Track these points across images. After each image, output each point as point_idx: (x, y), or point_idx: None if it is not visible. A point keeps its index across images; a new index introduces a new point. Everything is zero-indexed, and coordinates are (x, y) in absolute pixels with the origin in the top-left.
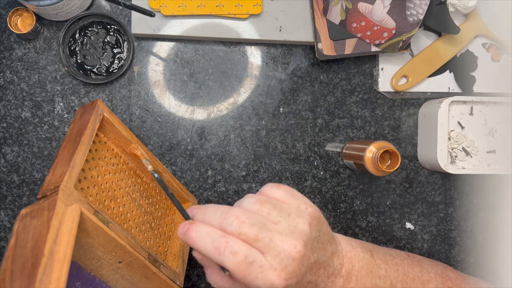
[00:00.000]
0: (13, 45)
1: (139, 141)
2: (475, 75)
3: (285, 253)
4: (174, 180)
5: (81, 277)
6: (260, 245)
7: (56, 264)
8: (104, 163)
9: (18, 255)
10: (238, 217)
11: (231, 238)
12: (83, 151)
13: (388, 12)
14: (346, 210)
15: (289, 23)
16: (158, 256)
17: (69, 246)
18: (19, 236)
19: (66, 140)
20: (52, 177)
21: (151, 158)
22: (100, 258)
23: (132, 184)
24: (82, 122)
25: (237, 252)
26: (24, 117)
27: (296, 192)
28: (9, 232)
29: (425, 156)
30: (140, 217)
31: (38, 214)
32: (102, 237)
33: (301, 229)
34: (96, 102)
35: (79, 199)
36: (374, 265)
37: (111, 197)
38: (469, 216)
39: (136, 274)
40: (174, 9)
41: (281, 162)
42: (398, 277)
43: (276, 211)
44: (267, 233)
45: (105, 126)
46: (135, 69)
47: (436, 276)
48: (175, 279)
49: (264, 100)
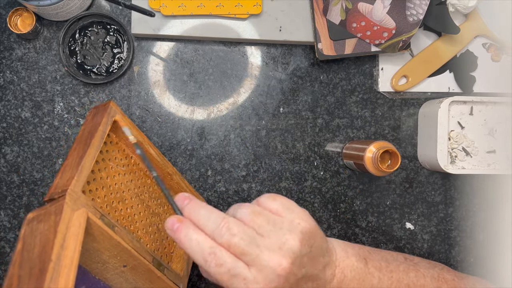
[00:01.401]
0: (13, 45)
1: (150, 142)
2: (475, 75)
3: (270, 269)
4: (183, 182)
5: (86, 281)
6: (247, 259)
7: (63, 269)
8: (114, 164)
9: (25, 259)
10: (229, 228)
11: (219, 249)
12: (92, 154)
13: (388, 12)
14: (346, 210)
15: (289, 23)
16: (164, 258)
17: (76, 251)
18: (26, 240)
19: (77, 142)
20: (60, 180)
21: (162, 160)
22: (105, 262)
23: (142, 185)
24: (94, 124)
25: (223, 264)
26: (24, 117)
27: (292, 205)
28: (9, 232)
29: (425, 156)
30: (148, 218)
31: (45, 219)
32: (108, 241)
33: (290, 246)
34: (108, 103)
35: (86, 203)
36: (367, 274)
37: (120, 199)
38: (469, 216)
39: (140, 278)
40: (174, 9)
41: (281, 162)
42: (392, 285)
43: (268, 225)
44: (255, 248)
45: (116, 127)
46: (135, 69)
47: (432, 280)
48: (178, 282)
49: (264, 100)
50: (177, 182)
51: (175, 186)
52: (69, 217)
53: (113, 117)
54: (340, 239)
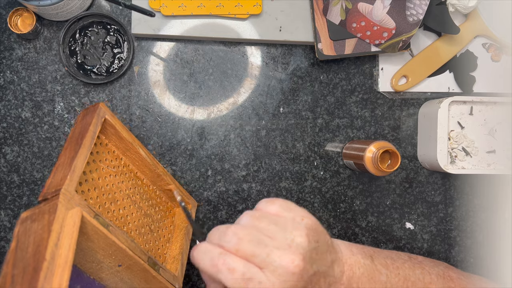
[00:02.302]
0: (13, 45)
1: (139, 143)
2: (475, 75)
3: (283, 268)
4: (174, 182)
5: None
6: (258, 261)
7: (57, 268)
8: (105, 165)
9: (19, 258)
10: (236, 233)
11: (228, 255)
12: (84, 154)
13: (388, 12)
14: (346, 210)
15: (289, 23)
16: (158, 259)
17: (70, 250)
18: (20, 239)
19: (68, 143)
20: (53, 180)
21: (152, 161)
22: (100, 262)
23: (133, 187)
24: (84, 125)
25: (235, 268)
26: (24, 117)
27: (292, 205)
28: (9, 232)
29: (425, 156)
30: (140, 219)
31: (39, 218)
32: (103, 240)
33: (299, 242)
34: (98, 105)
35: (80, 202)
36: (375, 270)
37: (111, 200)
38: (469, 216)
39: (136, 278)
40: (174, 9)
41: (281, 162)
42: (399, 282)
43: (272, 226)
44: (264, 248)
45: (106, 128)
46: (135, 69)
47: (438, 277)
48: (174, 282)
49: (264, 100)
50: (167, 182)
51: (165, 186)
52: (63, 216)
53: (103, 117)
54: (340, 239)
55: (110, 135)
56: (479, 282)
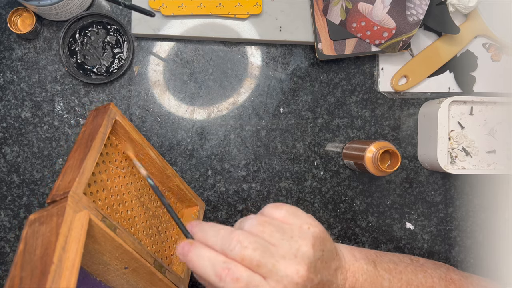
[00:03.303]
0: (13, 45)
1: (150, 144)
2: (475, 75)
3: (287, 278)
4: (182, 184)
5: (88, 283)
6: (263, 271)
7: (65, 271)
8: (114, 167)
9: (27, 261)
10: (240, 241)
11: (233, 264)
12: (93, 157)
13: (388, 12)
14: (346, 210)
15: (289, 23)
16: (164, 260)
17: (78, 253)
18: (28, 241)
19: (77, 144)
20: (62, 183)
21: (161, 162)
22: (107, 264)
23: (141, 188)
24: (94, 126)
25: (239, 278)
26: (24, 117)
27: (299, 211)
28: (9, 232)
29: (425, 156)
30: (148, 220)
31: (47, 220)
32: (110, 243)
33: (304, 252)
34: (108, 106)
35: (88, 205)
36: (377, 276)
37: (120, 201)
38: (469, 216)
39: (142, 280)
40: (174, 9)
41: (281, 162)
42: (402, 287)
43: (278, 233)
44: (269, 258)
45: (116, 129)
46: (135, 69)
47: (440, 280)
48: (180, 284)
49: (264, 100)
50: (176, 184)
51: (174, 188)
52: (71, 219)
53: (113, 119)
54: (340, 239)
55: (120, 136)
56: (480, 283)
